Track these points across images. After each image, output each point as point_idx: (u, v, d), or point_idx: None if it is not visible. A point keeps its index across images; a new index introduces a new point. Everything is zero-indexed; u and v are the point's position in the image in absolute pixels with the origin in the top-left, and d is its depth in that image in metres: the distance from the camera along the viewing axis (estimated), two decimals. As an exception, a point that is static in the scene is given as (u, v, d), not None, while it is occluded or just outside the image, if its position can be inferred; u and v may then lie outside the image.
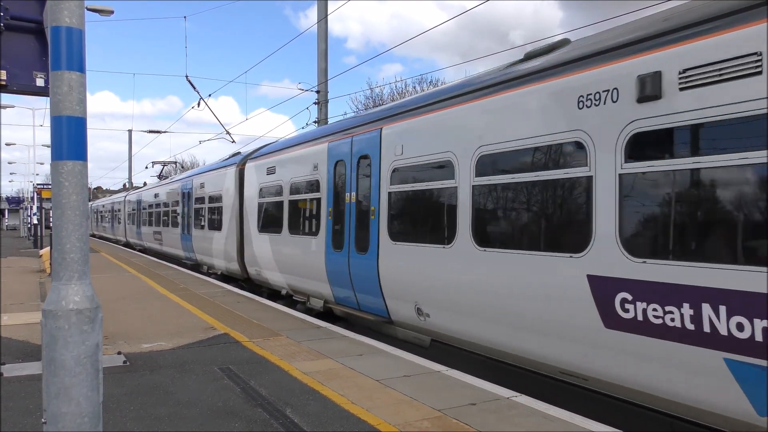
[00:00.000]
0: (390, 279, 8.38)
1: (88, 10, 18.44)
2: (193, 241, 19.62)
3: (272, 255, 12.85)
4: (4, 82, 5.27)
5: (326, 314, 10.69)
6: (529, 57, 6.72)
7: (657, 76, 4.80)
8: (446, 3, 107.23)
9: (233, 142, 23.64)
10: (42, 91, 5.48)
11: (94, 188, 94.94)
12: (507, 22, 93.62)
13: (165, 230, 23.77)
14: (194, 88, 21.04)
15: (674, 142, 4.74)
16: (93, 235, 50.23)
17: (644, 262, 4.81)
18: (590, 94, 5.40)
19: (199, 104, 20.75)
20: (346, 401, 5.40)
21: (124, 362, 6.83)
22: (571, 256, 5.46)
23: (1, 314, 9.63)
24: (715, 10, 4.58)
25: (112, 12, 19.36)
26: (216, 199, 17.07)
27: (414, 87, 34.00)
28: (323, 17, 17.18)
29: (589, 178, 5.32)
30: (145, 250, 29.15)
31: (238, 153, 17.28)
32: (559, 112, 5.73)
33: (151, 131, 36.67)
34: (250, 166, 14.70)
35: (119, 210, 37.18)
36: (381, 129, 8.88)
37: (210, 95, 42.25)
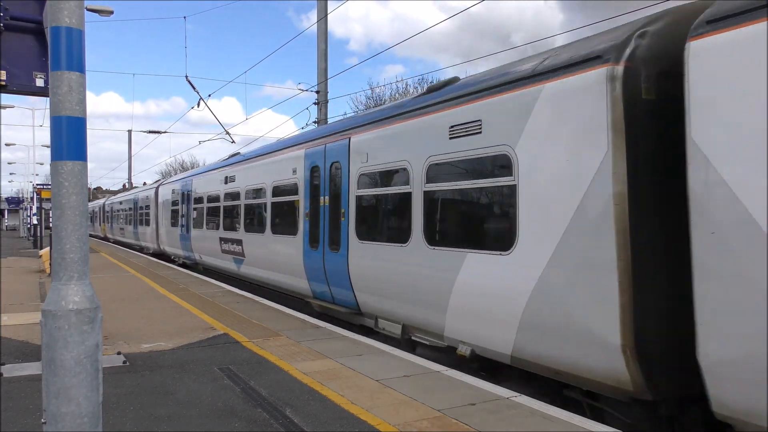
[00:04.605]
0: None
1: (88, 10, 18.41)
2: None
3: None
4: (4, 82, 5.26)
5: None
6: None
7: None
8: (448, 4, 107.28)
9: (233, 142, 23.63)
10: (42, 91, 5.47)
11: (94, 188, 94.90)
12: (508, 24, 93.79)
13: None
14: (194, 88, 21.02)
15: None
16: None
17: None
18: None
19: (198, 104, 20.74)
20: (346, 401, 5.40)
21: (124, 362, 6.83)
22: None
23: (1, 314, 9.63)
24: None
25: (111, 12, 19.31)
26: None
27: (415, 88, 34.00)
28: (323, 17, 17.19)
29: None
30: None
31: None
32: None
33: (151, 131, 36.72)
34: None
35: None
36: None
37: (210, 95, 42.30)
